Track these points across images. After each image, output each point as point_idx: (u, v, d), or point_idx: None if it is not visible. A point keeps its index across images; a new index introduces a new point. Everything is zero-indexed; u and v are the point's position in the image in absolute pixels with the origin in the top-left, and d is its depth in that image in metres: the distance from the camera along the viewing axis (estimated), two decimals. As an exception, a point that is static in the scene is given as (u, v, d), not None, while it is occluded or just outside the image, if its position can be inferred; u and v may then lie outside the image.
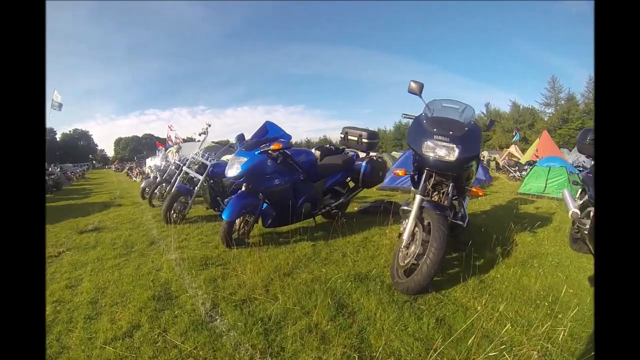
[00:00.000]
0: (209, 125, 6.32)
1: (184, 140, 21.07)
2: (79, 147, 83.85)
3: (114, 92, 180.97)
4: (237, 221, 4.18)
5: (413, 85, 3.43)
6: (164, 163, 9.25)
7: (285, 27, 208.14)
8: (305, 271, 3.29)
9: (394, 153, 22.04)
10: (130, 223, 6.05)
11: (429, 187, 3.34)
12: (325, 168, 4.96)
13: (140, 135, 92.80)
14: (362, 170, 5.17)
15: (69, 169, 34.14)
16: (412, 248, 2.89)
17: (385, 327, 2.23)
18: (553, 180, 9.51)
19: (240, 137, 4.75)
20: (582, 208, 3.63)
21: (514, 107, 53.72)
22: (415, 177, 3.57)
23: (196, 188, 5.73)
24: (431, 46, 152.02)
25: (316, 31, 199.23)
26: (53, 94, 20.80)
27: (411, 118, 3.62)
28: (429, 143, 3.02)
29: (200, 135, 6.40)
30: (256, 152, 4.05)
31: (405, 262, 2.85)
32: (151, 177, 9.80)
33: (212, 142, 16.69)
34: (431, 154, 3.00)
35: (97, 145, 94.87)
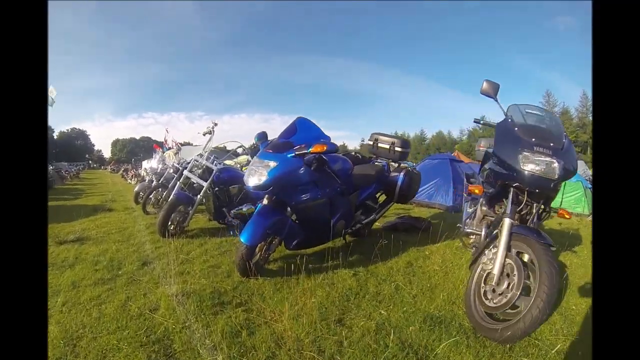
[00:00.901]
0: (215, 124, 5.38)
1: (181, 145, 20.17)
2: (76, 146, 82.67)
3: (112, 93, 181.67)
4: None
5: (486, 86, 2.81)
6: (160, 166, 8.34)
7: (285, 37, 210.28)
8: (360, 315, 2.47)
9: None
10: (119, 234, 5.11)
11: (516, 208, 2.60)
12: (357, 179, 4.10)
13: (137, 137, 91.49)
14: (399, 182, 4.45)
15: (64, 167, 33.14)
16: (504, 286, 2.30)
17: None
18: (569, 195, 9.49)
19: (262, 136, 3.82)
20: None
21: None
22: (489, 193, 3.00)
23: (198, 196, 4.82)
24: (423, 59, 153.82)
25: (315, 41, 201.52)
26: (49, 89, 19.96)
27: (490, 125, 3.10)
28: (528, 155, 2.36)
29: (204, 135, 5.45)
30: (288, 156, 3.16)
31: (495, 302, 2.28)
32: (146, 181, 8.88)
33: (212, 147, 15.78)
34: (531, 168, 2.34)
35: (94, 146, 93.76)
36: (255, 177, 3.12)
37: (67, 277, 3.27)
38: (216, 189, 5.01)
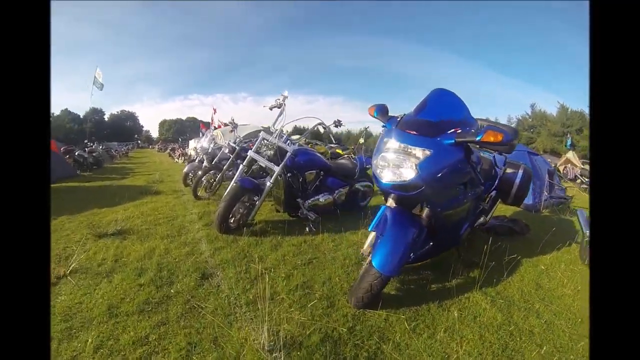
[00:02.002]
0: (286, 96, 4.11)
1: (225, 125, 19.39)
2: (126, 128, 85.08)
3: (159, 78, 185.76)
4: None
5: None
6: (211, 145, 7.33)
7: (329, 18, 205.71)
8: None
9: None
10: (167, 225, 4.11)
11: None
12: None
13: (183, 118, 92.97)
14: (517, 181, 3.24)
15: (114, 147, 33.93)
16: None
17: None
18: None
19: (383, 110, 2.55)
20: None
21: (562, 110, 48.83)
22: None
23: (268, 183, 3.68)
24: (475, 44, 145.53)
25: (359, 23, 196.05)
26: (96, 71, 19.73)
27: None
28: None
29: (271, 109, 4.19)
30: (445, 142, 2.04)
31: None
32: (196, 161, 7.93)
33: (262, 126, 14.80)
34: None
35: (142, 127, 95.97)
36: (397, 171, 2.03)
37: (102, 294, 2.30)
38: (289, 174, 3.87)
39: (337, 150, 10.53)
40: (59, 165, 10.03)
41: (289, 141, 3.83)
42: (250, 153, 3.93)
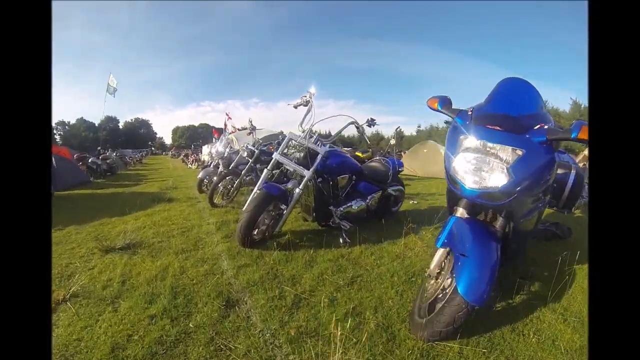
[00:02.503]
0: (313, 93, 3.54)
1: (239, 130, 19.04)
2: (140, 135, 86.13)
3: (172, 85, 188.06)
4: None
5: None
6: (227, 150, 6.90)
7: (338, 21, 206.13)
8: None
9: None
10: (182, 237, 3.65)
11: None
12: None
13: (196, 124, 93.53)
14: (569, 184, 2.79)
15: (128, 154, 34.06)
16: None
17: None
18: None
19: (447, 102, 2.05)
20: None
21: (575, 106, 47.52)
22: None
23: (298, 189, 3.19)
24: (486, 44, 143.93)
25: (368, 25, 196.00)
26: (109, 78, 19.59)
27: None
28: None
29: (296, 107, 3.64)
30: (536, 140, 1.64)
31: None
32: (211, 166, 7.50)
33: (280, 130, 14.36)
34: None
35: (156, 133, 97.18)
36: (483, 175, 1.64)
37: (105, 328, 1.86)
38: (319, 179, 3.38)
39: (357, 153, 10.00)
40: (72, 173, 9.74)
41: (319, 142, 3.32)
42: (276, 156, 3.42)
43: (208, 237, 3.63)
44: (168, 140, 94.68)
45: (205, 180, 6.90)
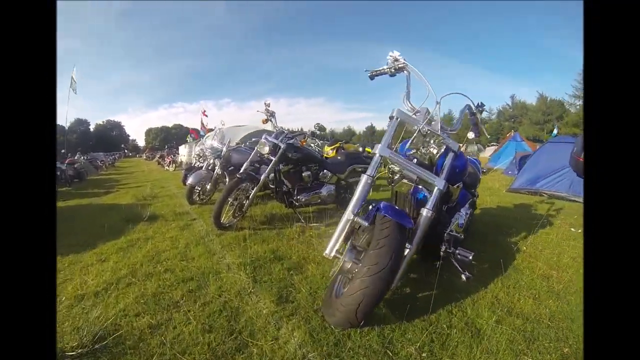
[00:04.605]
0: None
1: (210, 130, 16.97)
2: (112, 137, 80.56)
3: (143, 87, 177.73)
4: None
5: None
6: (225, 145, 5.07)
7: (307, 23, 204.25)
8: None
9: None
10: (195, 308, 1.89)
11: None
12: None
13: (169, 125, 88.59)
14: None
15: (99, 157, 30.83)
16: None
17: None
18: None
19: None
20: None
21: (541, 99, 48.33)
22: None
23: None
24: (454, 40, 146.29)
25: (337, 26, 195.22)
26: (72, 72, 16.92)
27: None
28: None
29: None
30: None
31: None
32: (202, 169, 5.58)
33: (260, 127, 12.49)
34: None
35: (129, 136, 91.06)
36: None
37: None
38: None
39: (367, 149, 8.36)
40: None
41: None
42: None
43: (242, 302, 1.89)
44: (141, 143, 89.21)
45: (197, 187, 5.07)
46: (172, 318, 1.81)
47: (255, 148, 3.83)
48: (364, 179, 1.86)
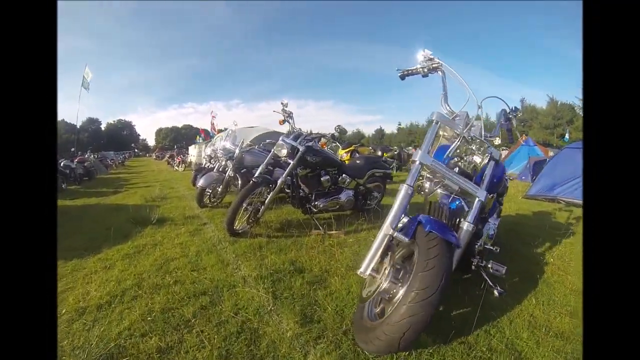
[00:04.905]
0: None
1: (219, 131, 16.84)
2: (123, 137, 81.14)
3: (154, 87, 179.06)
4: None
5: None
6: (239, 146, 4.85)
7: (317, 23, 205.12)
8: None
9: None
10: (209, 328, 1.66)
11: None
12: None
13: (179, 126, 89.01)
14: None
15: (109, 156, 31.01)
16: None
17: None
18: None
19: None
20: None
21: (552, 103, 47.55)
22: None
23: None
24: (464, 44, 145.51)
25: (345, 27, 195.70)
26: (84, 71, 16.93)
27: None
28: None
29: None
30: None
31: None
32: (213, 170, 5.38)
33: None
34: None
35: (139, 135, 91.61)
36: None
37: None
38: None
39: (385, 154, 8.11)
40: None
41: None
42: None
43: (262, 322, 1.66)
44: (151, 142, 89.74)
45: (208, 190, 4.86)
46: (184, 340, 1.57)
47: (272, 150, 3.60)
48: (403, 189, 1.65)
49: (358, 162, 4.26)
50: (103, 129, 77.30)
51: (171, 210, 4.91)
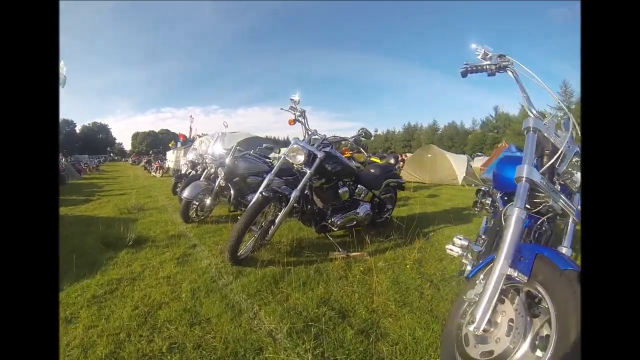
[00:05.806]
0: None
1: (199, 137, 15.93)
2: (98, 140, 77.72)
3: (132, 90, 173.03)
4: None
5: None
6: (231, 153, 4.12)
7: (294, 31, 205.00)
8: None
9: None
10: None
11: None
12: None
13: (156, 130, 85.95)
14: None
15: (83, 160, 29.29)
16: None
17: None
18: None
19: None
20: None
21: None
22: None
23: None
24: (436, 51, 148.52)
25: (322, 35, 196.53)
26: (59, 64, 15.63)
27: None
28: None
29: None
30: None
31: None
32: (201, 179, 4.61)
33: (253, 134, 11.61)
34: None
35: (115, 139, 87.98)
36: None
37: None
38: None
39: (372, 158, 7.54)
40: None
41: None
42: None
43: None
44: (128, 147, 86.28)
45: (194, 202, 4.10)
46: None
47: (276, 157, 2.92)
48: (515, 213, 1.18)
49: (373, 171, 3.66)
50: (78, 131, 73.96)
51: (150, 226, 4.10)
